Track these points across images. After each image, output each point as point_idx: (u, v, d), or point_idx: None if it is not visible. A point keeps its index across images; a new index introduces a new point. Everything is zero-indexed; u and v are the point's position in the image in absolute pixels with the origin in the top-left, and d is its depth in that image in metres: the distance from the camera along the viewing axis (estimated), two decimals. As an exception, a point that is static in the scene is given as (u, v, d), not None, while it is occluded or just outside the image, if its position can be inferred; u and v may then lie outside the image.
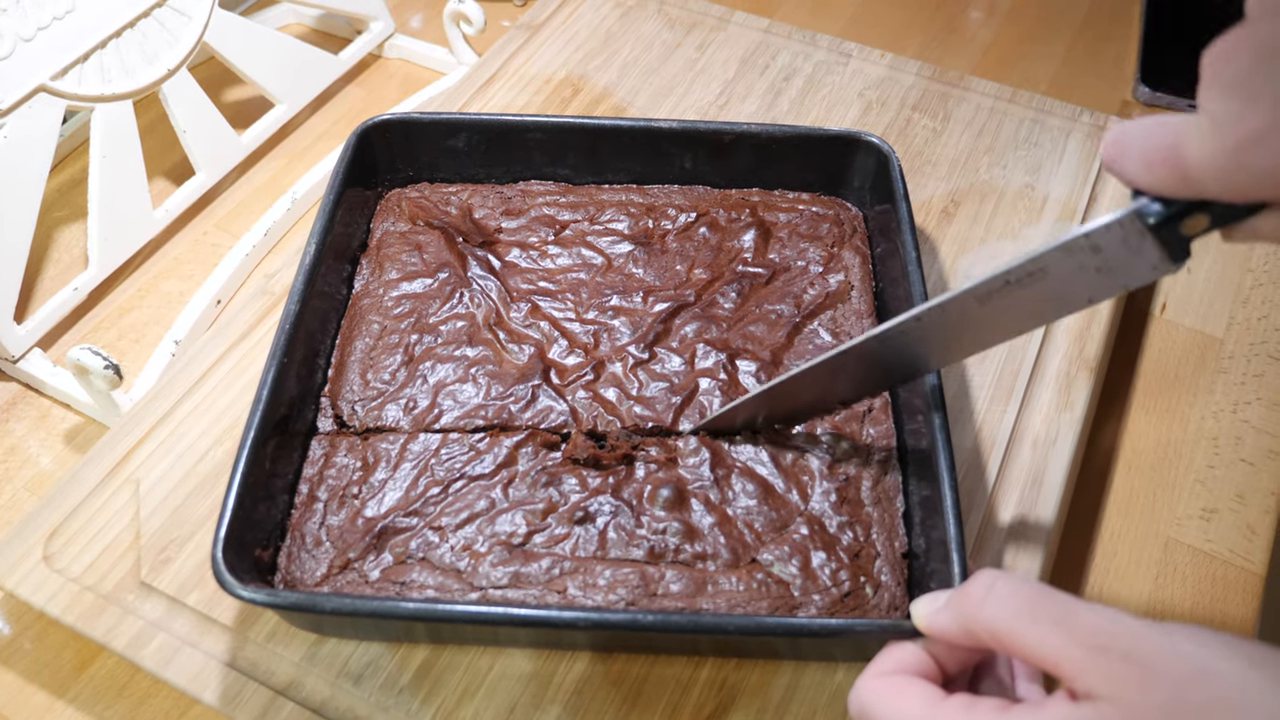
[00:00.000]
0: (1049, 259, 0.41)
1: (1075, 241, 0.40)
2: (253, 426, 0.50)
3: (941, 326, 0.46)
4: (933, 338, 0.47)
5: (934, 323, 0.46)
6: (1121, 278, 0.40)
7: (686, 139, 0.66)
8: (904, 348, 0.48)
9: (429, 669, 0.51)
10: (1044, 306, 0.43)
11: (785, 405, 0.55)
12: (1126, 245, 0.39)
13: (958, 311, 0.45)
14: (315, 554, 0.52)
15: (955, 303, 0.45)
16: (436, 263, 0.63)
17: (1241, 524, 0.62)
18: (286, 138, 0.85)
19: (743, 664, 0.52)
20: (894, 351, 0.49)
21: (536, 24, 0.84)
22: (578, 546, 0.52)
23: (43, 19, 0.67)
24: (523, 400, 0.57)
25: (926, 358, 0.49)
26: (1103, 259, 0.40)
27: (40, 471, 0.65)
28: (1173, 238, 0.38)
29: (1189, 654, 0.34)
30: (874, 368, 0.51)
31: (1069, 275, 0.41)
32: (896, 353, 0.49)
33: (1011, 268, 0.42)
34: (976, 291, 0.44)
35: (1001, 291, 0.43)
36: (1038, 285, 0.42)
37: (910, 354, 0.49)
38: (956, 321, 0.46)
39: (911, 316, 0.47)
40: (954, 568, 0.45)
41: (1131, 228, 0.38)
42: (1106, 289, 0.41)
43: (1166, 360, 0.70)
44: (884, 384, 0.53)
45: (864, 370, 0.51)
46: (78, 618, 0.53)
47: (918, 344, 0.48)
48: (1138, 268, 0.39)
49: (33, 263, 0.75)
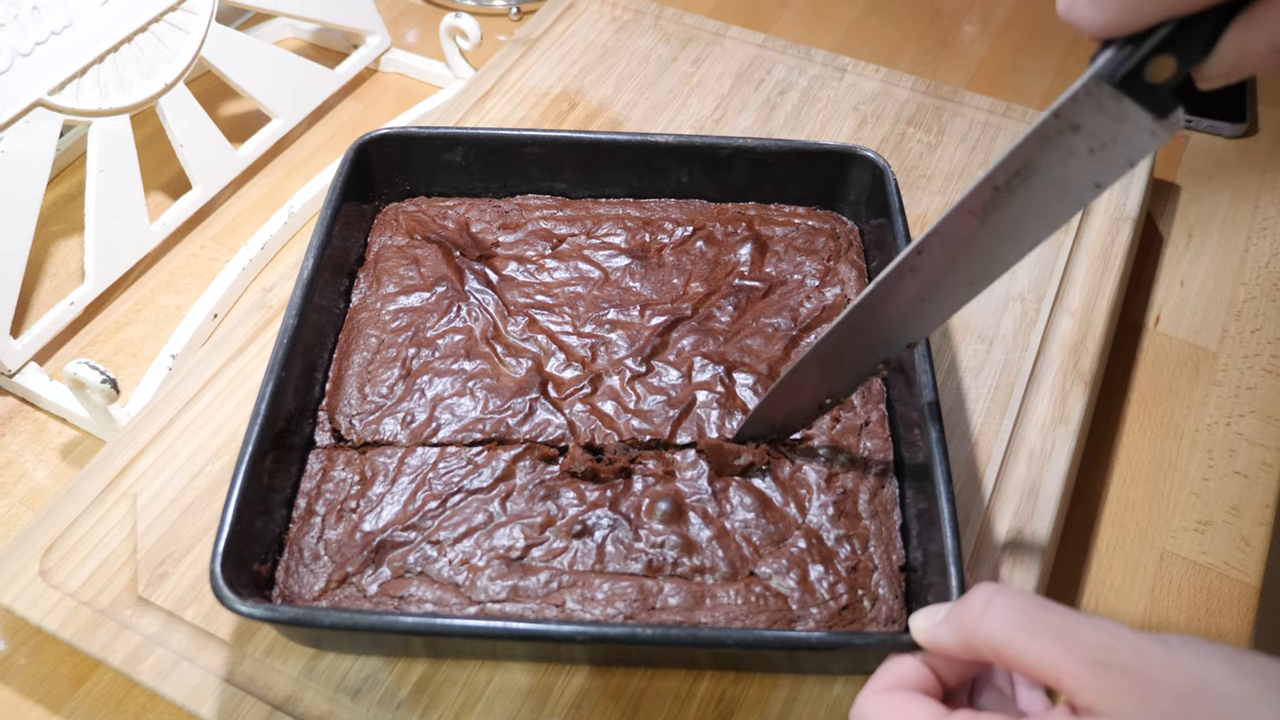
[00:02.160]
0: (1029, 150, 0.39)
1: (1047, 125, 0.38)
2: (250, 440, 0.50)
3: (948, 254, 0.44)
4: (943, 269, 0.45)
5: (938, 249, 0.44)
6: (1120, 152, 0.38)
7: (683, 153, 0.67)
8: (918, 288, 0.46)
9: (427, 683, 0.51)
10: (1048, 205, 0.41)
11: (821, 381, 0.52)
12: (1104, 113, 0.37)
13: (959, 233, 0.43)
14: (313, 568, 0.52)
15: (952, 224, 0.43)
16: (434, 277, 0.63)
17: (1236, 536, 0.62)
18: (283, 152, 0.85)
19: (741, 677, 0.52)
20: (912, 294, 0.46)
21: (533, 38, 0.85)
22: (576, 560, 0.52)
23: (40, 34, 0.67)
24: (520, 414, 0.57)
25: (946, 294, 0.46)
26: (1088, 136, 0.38)
27: (36, 486, 0.65)
28: (1146, 90, 0.36)
29: (1188, 667, 0.34)
30: (895, 317, 0.47)
31: (1060, 164, 0.39)
32: (915, 296, 0.46)
33: (993, 170, 0.40)
34: (969, 205, 0.42)
35: (994, 200, 0.41)
36: (1033, 184, 0.40)
37: (929, 293, 0.46)
38: (961, 245, 0.43)
39: (912, 249, 0.44)
40: (951, 580, 0.46)
41: (1101, 92, 0.36)
42: (1109, 170, 0.39)
43: (1160, 373, 0.70)
44: (910, 335, 0.48)
45: (889, 319, 0.48)
46: (74, 633, 0.53)
47: (934, 279, 0.45)
48: (1131, 136, 0.37)
49: (29, 276, 0.75)
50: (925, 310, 0.47)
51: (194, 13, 0.76)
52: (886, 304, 0.47)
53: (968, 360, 0.64)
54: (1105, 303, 0.67)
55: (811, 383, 0.52)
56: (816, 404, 0.54)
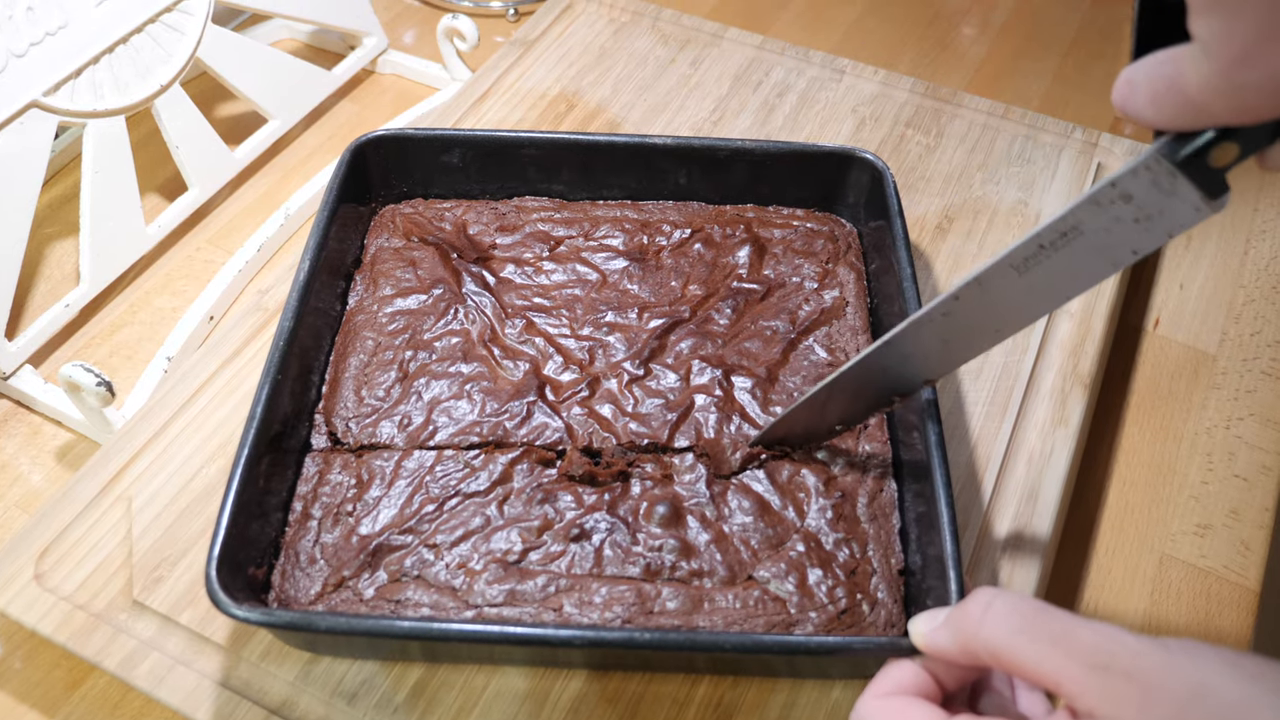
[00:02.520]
0: (1080, 215, 0.40)
1: (1103, 193, 0.39)
2: (247, 443, 0.50)
3: (983, 303, 0.45)
4: (975, 316, 0.45)
5: (974, 299, 0.45)
6: (1163, 224, 0.39)
7: (681, 155, 0.66)
8: (947, 332, 0.47)
9: (424, 688, 0.51)
10: (1086, 266, 0.41)
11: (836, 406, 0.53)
12: (1158, 188, 0.38)
13: (997, 284, 0.44)
14: (309, 572, 0.51)
15: (993, 275, 0.43)
16: (431, 279, 0.63)
17: (1236, 540, 0.62)
18: (280, 153, 0.85)
19: (739, 681, 0.52)
20: (939, 336, 0.47)
21: (530, 40, 0.85)
22: (573, 564, 0.51)
23: (35, 34, 0.67)
24: (518, 417, 0.57)
25: (971, 339, 0.47)
26: (1137, 207, 0.38)
27: (31, 489, 0.65)
28: (1204, 172, 0.36)
29: (1188, 671, 0.34)
30: (917, 356, 0.49)
31: (1105, 230, 0.40)
32: (941, 338, 0.47)
33: (1041, 229, 0.41)
34: (1012, 260, 0.42)
35: (1036, 257, 0.42)
36: (1074, 245, 0.41)
37: (956, 337, 0.47)
38: (997, 296, 0.44)
39: (949, 295, 0.45)
40: (950, 584, 0.45)
41: (1159, 169, 0.37)
42: (1149, 239, 0.39)
43: (1160, 376, 0.70)
44: (928, 374, 0.50)
45: (911, 358, 0.49)
46: (69, 637, 0.52)
47: (964, 324, 0.46)
48: (1177, 211, 0.38)
49: (24, 279, 0.74)
50: (949, 353, 0.48)
51: (190, 14, 0.75)
52: (912, 344, 0.48)
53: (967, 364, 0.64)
54: (1105, 306, 0.67)
55: (827, 408, 0.53)
56: (828, 427, 0.55)
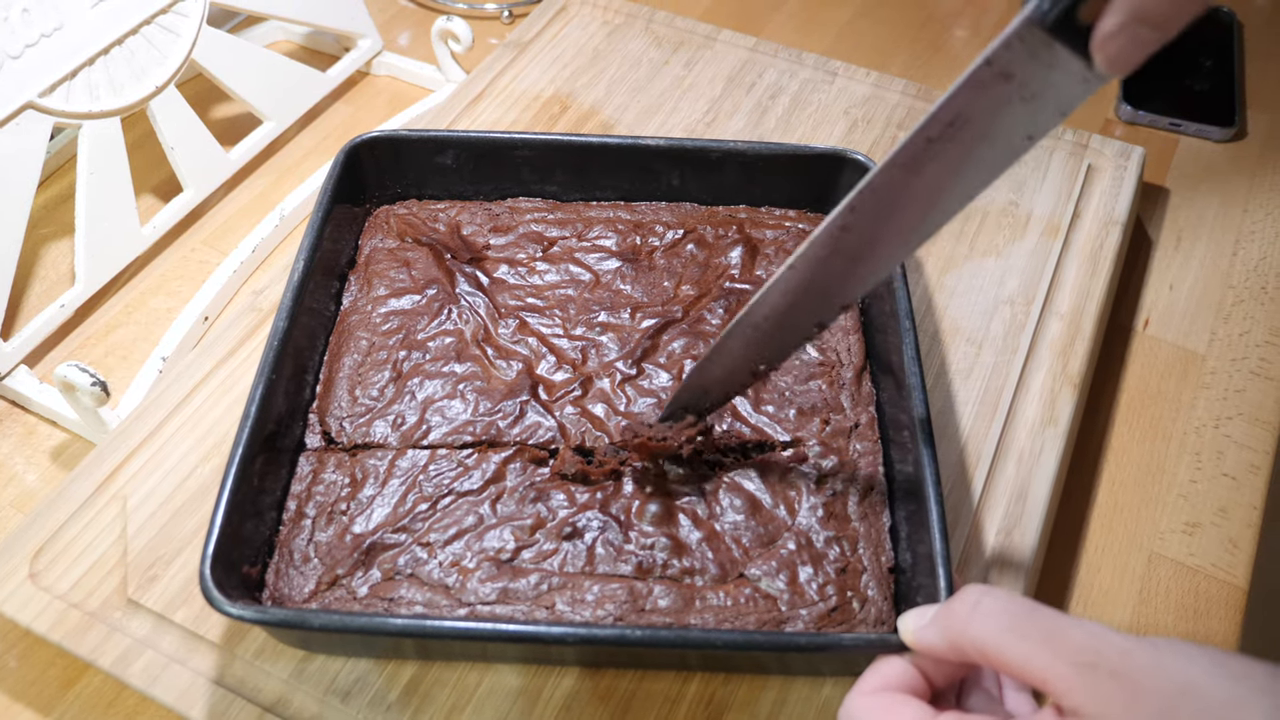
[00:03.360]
0: (961, 101, 0.39)
1: (979, 73, 0.37)
2: (241, 443, 0.50)
3: (882, 208, 0.43)
4: (876, 226, 0.44)
5: (871, 206, 0.43)
6: (1053, 103, 0.37)
7: (674, 156, 0.67)
8: (853, 247, 0.45)
9: (417, 685, 0.51)
10: (982, 157, 0.40)
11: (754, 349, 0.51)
12: (1037, 60, 0.36)
13: (891, 189, 0.42)
14: (303, 570, 0.52)
15: (884, 179, 0.42)
16: (425, 279, 0.63)
17: (1224, 538, 0.62)
18: (274, 154, 0.85)
19: (730, 679, 0.52)
20: (846, 254, 0.45)
21: (524, 41, 0.85)
22: (566, 562, 0.52)
23: (31, 36, 0.67)
24: (511, 416, 0.57)
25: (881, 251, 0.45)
26: (1020, 85, 0.37)
27: (26, 489, 0.65)
28: (1080, 35, 0.35)
29: (1176, 670, 0.35)
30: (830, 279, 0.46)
31: (991, 114, 0.38)
32: (849, 256, 0.45)
33: (925, 122, 0.39)
34: (900, 159, 0.41)
35: (928, 152, 0.40)
36: (963, 135, 0.39)
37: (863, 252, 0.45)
38: (893, 200, 0.42)
39: (844, 207, 0.43)
40: (940, 582, 0.46)
41: (1032, 37, 0.36)
42: (1041, 120, 0.38)
43: (1149, 376, 0.70)
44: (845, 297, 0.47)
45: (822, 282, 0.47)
46: (64, 635, 0.53)
47: (868, 238, 0.44)
48: (1064, 85, 0.37)
49: (19, 279, 0.75)
50: (859, 271, 0.46)
51: (185, 15, 0.76)
52: (820, 266, 0.46)
53: (957, 363, 0.64)
54: (1094, 306, 0.67)
55: (744, 350, 0.51)
56: (749, 371, 0.52)
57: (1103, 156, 0.76)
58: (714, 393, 0.54)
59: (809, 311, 0.48)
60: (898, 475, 0.54)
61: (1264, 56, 0.92)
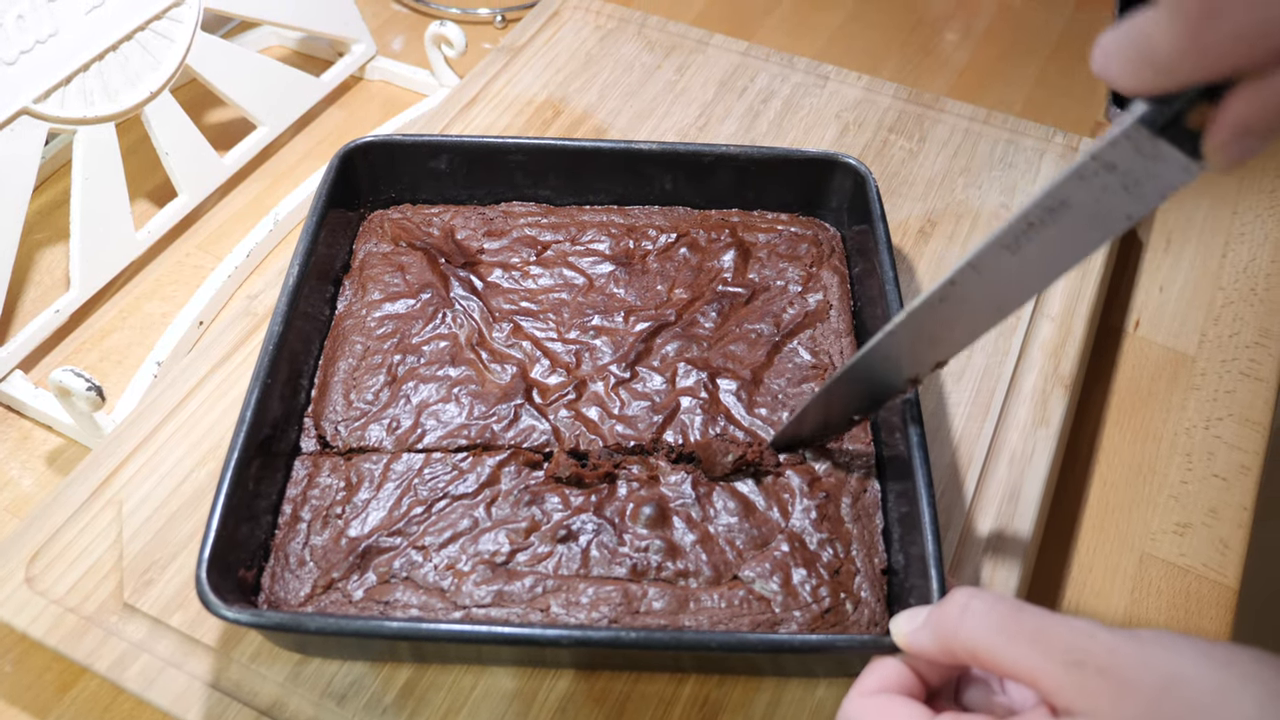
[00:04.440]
0: (1066, 190, 0.39)
1: (1086, 166, 0.38)
2: (236, 447, 0.51)
3: (979, 285, 0.44)
4: (973, 298, 0.45)
5: (970, 283, 0.45)
6: (1153, 188, 0.38)
7: (666, 160, 0.67)
8: (949, 315, 0.46)
9: (413, 688, 0.51)
10: (1079, 236, 0.41)
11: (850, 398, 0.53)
12: (1142, 154, 0.37)
13: (991, 266, 0.43)
14: (299, 574, 0.52)
15: (986, 257, 0.43)
16: (419, 283, 0.63)
17: (1215, 538, 0.63)
18: (269, 159, 0.86)
19: (725, 681, 0.52)
20: (942, 320, 0.47)
21: (517, 46, 0.85)
22: (560, 565, 0.52)
23: (25, 42, 0.67)
24: (505, 420, 0.58)
25: (974, 320, 0.46)
26: (1123, 175, 0.38)
27: (22, 493, 0.65)
28: (1184, 134, 0.36)
29: (1162, 663, 0.35)
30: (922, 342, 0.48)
31: (1094, 201, 0.39)
32: (945, 321, 0.47)
33: (1029, 208, 0.41)
34: (1003, 240, 0.42)
35: (1027, 234, 0.42)
36: (1063, 220, 0.40)
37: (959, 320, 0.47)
38: (992, 276, 0.44)
39: (946, 281, 0.45)
40: (933, 583, 0.46)
41: (1139, 136, 0.36)
42: (1141, 204, 0.39)
43: (1140, 377, 0.71)
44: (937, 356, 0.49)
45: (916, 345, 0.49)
46: (60, 640, 0.53)
47: (961, 309, 0.46)
48: (1164, 174, 0.37)
49: (14, 285, 0.75)
50: (954, 334, 0.47)
51: (179, 21, 0.76)
52: (916, 330, 0.48)
53: (949, 365, 0.64)
54: (1085, 308, 0.68)
55: (842, 400, 0.53)
56: (846, 418, 0.54)
57: (1093, 159, 0.77)
58: (808, 438, 0.57)
59: (903, 369, 0.50)
60: (890, 477, 0.55)
61: (1253, 59, 0.93)
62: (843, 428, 0.56)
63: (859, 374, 0.51)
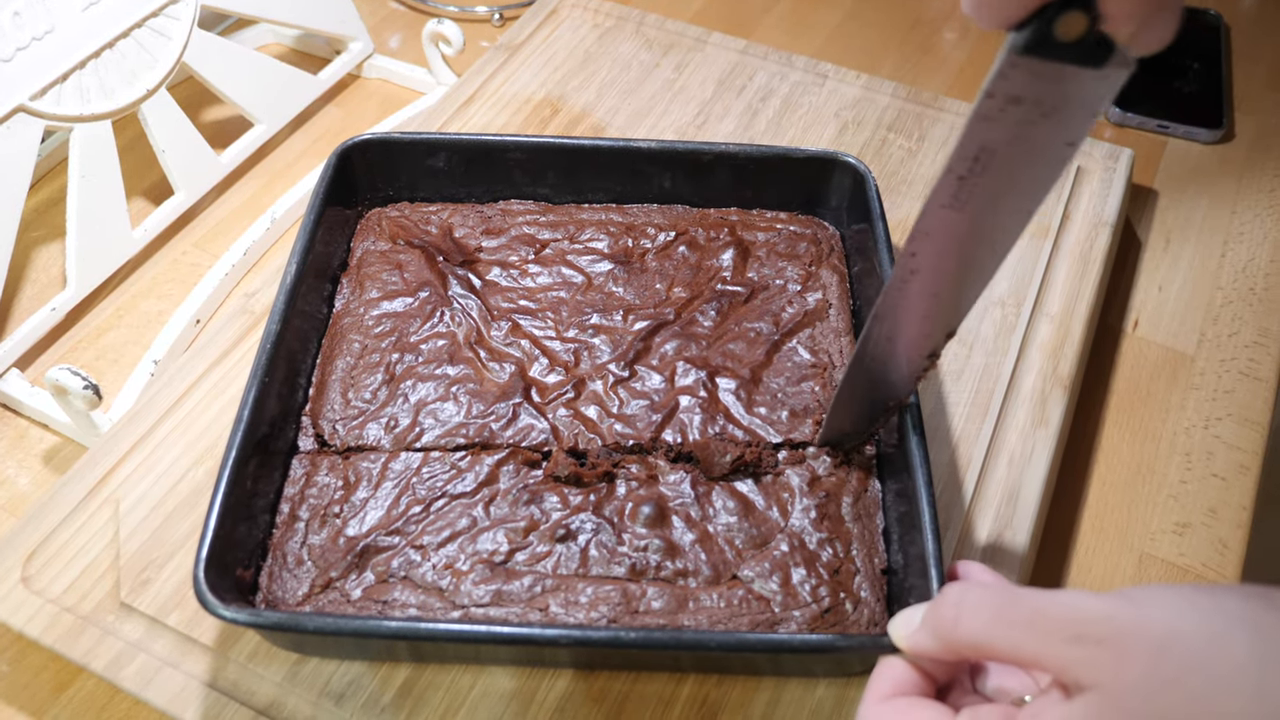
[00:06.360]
0: (978, 135, 0.38)
1: (986, 107, 0.37)
2: (234, 446, 0.50)
3: (943, 248, 0.43)
4: (945, 260, 0.43)
5: (931, 249, 0.43)
6: (1079, 108, 0.36)
7: (665, 159, 0.67)
8: (931, 285, 0.45)
9: (411, 688, 0.51)
10: (1026, 176, 0.39)
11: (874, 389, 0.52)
12: (1042, 79, 0.35)
13: (943, 227, 0.42)
14: (297, 573, 0.52)
15: (932, 220, 0.41)
16: (417, 282, 0.63)
17: (1214, 538, 0.63)
18: (265, 157, 0.85)
19: (724, 680, 0.52)
20: (927, 292, 0.45)
21: (515, 44, 0.85)
22: (559, 564, 0.52)
23: (21, 39, 0.67)
24: (504, 418, 0.57)
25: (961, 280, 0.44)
26: (1035, 105, 0.36)
27: (18, 492, 0.65)
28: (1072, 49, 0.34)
29: (1155, 622, 0.35)
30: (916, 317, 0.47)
31: (1017, 138, 0.38)
32: (930, 293, 0.45)
33: (950, 161, 0.39)
34: (939, 200, 0.40)
35: (964, 187, 0.40)
36: (998, 163, 0.39)
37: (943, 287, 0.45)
38: (952, 236, 0.42)
39: (906, 253, 0.43)
40: (932, 583, 0.46)
41: (1024, 63, 0.35)
42: (1075, 125, 0.37)
43: (1139, 377, 0.71)
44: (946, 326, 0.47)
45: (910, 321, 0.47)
46: (57, 639, 0.52)
47: (942, 272, 0.44)
48: (1081, 90, 0.36)
49: (10, 282, 0.74)
50: (949, 301, 0.46)
51: (176, 18, 0.76)
52: (903, 307, 0.46)
53: (948, 364, 0.64)
54: (1084, 307, 0.68)
55: (866, 391, 0.52)
56: (883, 408, 0.53)
57: (1091, 158, 0.77)
58: (851, 432, 0.55)
59: (915, 346, 0.48)
60: (890, 477, 0.55)
61: (1251, 59, 0.93)
62: (884, 417, 0.53)
63: (870, 363, 0.50)
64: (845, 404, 0.54)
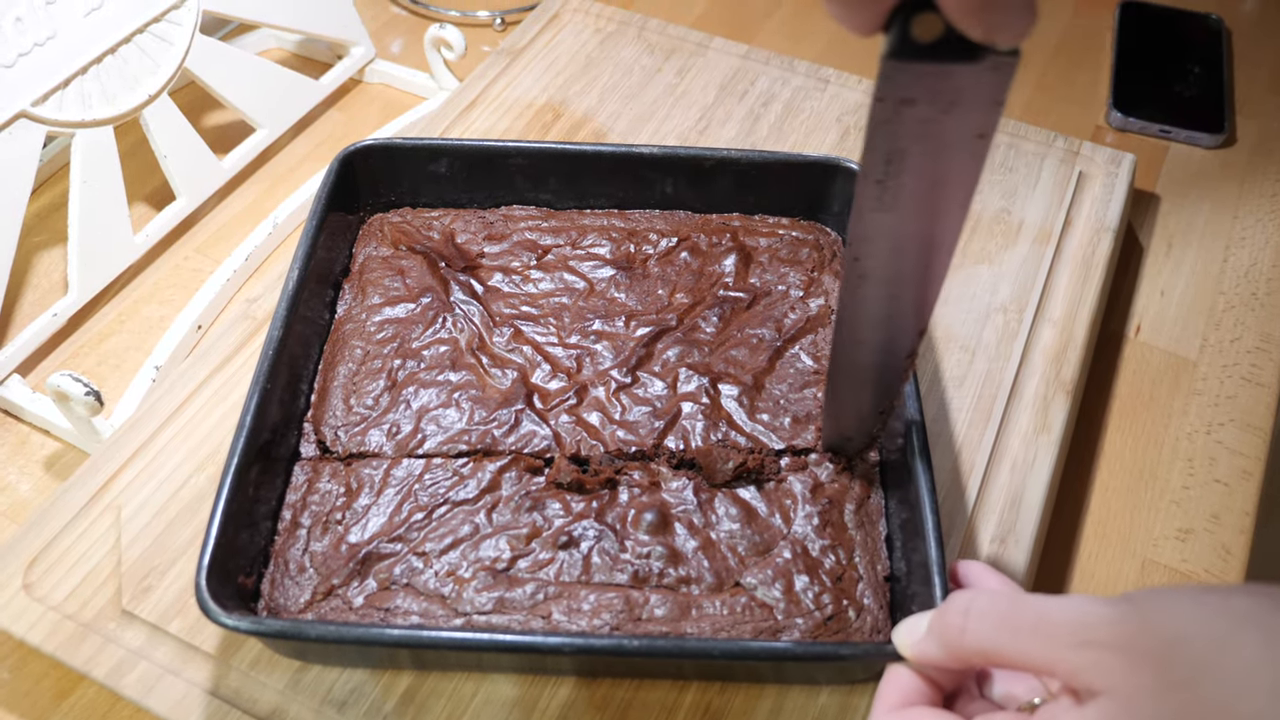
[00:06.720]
0: (881, 140, 0.37)
1: (879, 111, 0.36)
2: (236, 452, 0.50)
3: (885, 247, 0.42)
4: (892, 260, 0.43)
5: (874, 250, 0.42)
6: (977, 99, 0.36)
7: (667, 164, 0.67)
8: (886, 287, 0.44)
9: (413, 695, 0.51)
10: (946, 171, 0.39)
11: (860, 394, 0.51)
12: (929, 78, 0.35)
13: (878, 227, 0.41)
14: (299, 580, 0.52)
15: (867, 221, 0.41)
16: (419, 287, 0.63)
17: (1217, 544, 0.62)
18: (267, 162, 0.85)
19: (727, 688, 0.52)
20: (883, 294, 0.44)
21: (517, 49, 0.85)
22: (562, 571, 0.52)
23: (24, 45, 0.67)
24: (506, 425, 0.57)
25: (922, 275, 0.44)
26: (930, 102, 0.36)
27: (19, 499, 0.65)
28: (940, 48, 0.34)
29: (1162, 625, 0.35)
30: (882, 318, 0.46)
31: (924, 135, 0.37)
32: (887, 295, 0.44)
33: (864, 166, 0.38)
34: (864, 205, 0.40)
35: (883, 188, 0.39)
36: (909, 163, 0.38)
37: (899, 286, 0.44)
38: (890, 234, 0.41)
39: (850, 258, 0.43)
40: (935, 590, 0.46)
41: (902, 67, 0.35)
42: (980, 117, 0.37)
43: (1141, 382, 0.71)
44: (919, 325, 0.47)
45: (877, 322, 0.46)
46: (58, 646, 0.52)
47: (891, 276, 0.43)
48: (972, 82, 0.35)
49: (11, 288, 0.74)
50: (910, 300, 0.45)
51: (178, 24, 0.76)
52: (862, 312, 0.46)
53: (950, 370, 0.64)
54: (1086, 313, 0.68)
55: (853, 395, 0.52)
56: (875, 413, 0.52)
57: (1093, 163, 0.77)
58: (853, 438, 0.55)
59: (887, 347, 0.48)
60: (892, 483, 0.54)
61: (1252, 63, 0.93)
62: (880, 422, 0.53)
63: (846, 369, 0.50)
64: (833, 409, 0.54)
